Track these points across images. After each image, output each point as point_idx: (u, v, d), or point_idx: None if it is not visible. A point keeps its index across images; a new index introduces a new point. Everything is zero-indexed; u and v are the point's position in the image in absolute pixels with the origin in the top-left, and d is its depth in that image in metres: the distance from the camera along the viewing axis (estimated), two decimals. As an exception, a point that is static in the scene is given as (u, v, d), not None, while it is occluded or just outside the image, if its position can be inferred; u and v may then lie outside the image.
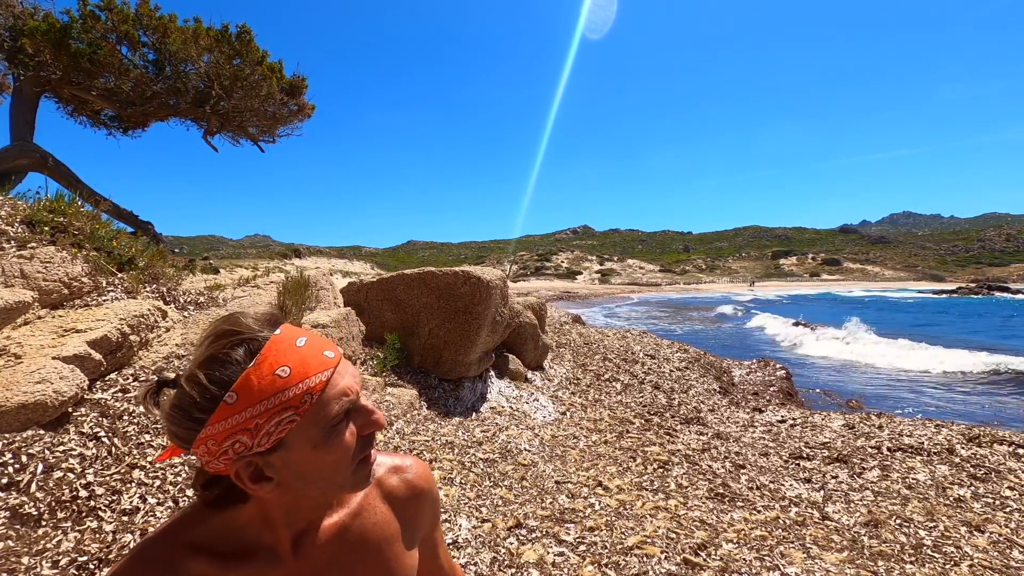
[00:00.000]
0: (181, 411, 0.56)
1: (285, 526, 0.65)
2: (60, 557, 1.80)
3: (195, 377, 0.55)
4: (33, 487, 1.98)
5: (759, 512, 3.25)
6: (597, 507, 3.14)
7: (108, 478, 2.16)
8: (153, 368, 2.86)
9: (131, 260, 4.02)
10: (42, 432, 2.19)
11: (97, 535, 1.93)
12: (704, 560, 2.55)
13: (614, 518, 2.98)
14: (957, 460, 4.07)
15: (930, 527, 3.03)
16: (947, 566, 2.62)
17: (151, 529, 2.01)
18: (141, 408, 2.53)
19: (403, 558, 0.75)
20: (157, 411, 0.59)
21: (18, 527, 1.85)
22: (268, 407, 0.55)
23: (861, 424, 5.17)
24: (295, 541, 0.66)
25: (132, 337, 2.88)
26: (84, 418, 2.37)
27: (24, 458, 2.05)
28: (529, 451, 4.02)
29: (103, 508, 2.04)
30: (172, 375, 0.59)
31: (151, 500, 2.14)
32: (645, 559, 2.54)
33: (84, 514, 1.98)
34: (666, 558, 2.55)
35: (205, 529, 0.63)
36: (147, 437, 2.44)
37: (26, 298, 2.82)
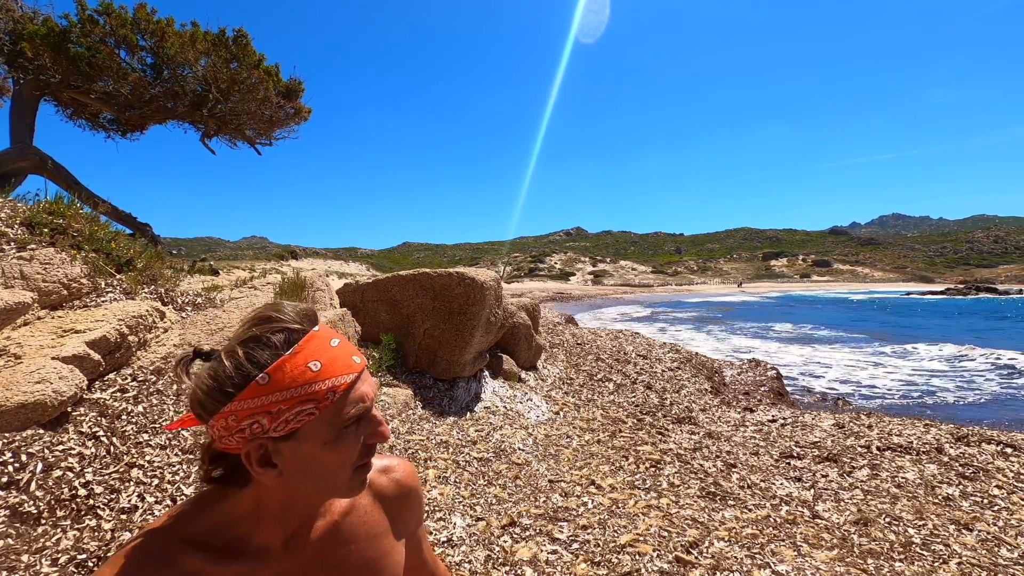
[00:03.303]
0: (215, 382, 0.57)
1: (278, 524, 0.66)
2: (59, 555, 1.81)
3: (235, 353, 0.58)
4: (33, 486, 2.00)
5: (750, 511, 3.29)
6: (590, 505, 3.18)
7: (107, 477, 2.18)
8: (151, 368, 2.89)
9: (130, 261, 4.03)
10: (41, 431, 2.21)
11: (96, 533, 1.94)
12: (696, 558, 2.59)
13: (607, 516, 3.02)
14: (946, 459, 4.13)
15: (919, 525, 3.08)
16: (936, 564, 2.66)
17: (150, 527, 2.03)
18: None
19: (391, 554, 0.78)
20: (188, 380, 0.61)
21: (18, 525, 1.86)
22: (294, 395, 0.57)
23: (851, 424, 5.23)
24: (286, 540, 0.68)
25: (130, 338, 2.90)
26: (83, 417, 2.39)
27: (24, 457, 2.07)
28: (523, 450, 4.05)
29: (102, 506, 2.05)
30: (208, 348, 0.62)
31: (149, 498, 2.16)
32: (638, 557, 2.57)
33: (83, 512, 2.00)
34: (658, 556, 2.59)
35: (200, 524, 0.64)
36: (145, 436, 2.46)
37: (26, 299, 2.84)
